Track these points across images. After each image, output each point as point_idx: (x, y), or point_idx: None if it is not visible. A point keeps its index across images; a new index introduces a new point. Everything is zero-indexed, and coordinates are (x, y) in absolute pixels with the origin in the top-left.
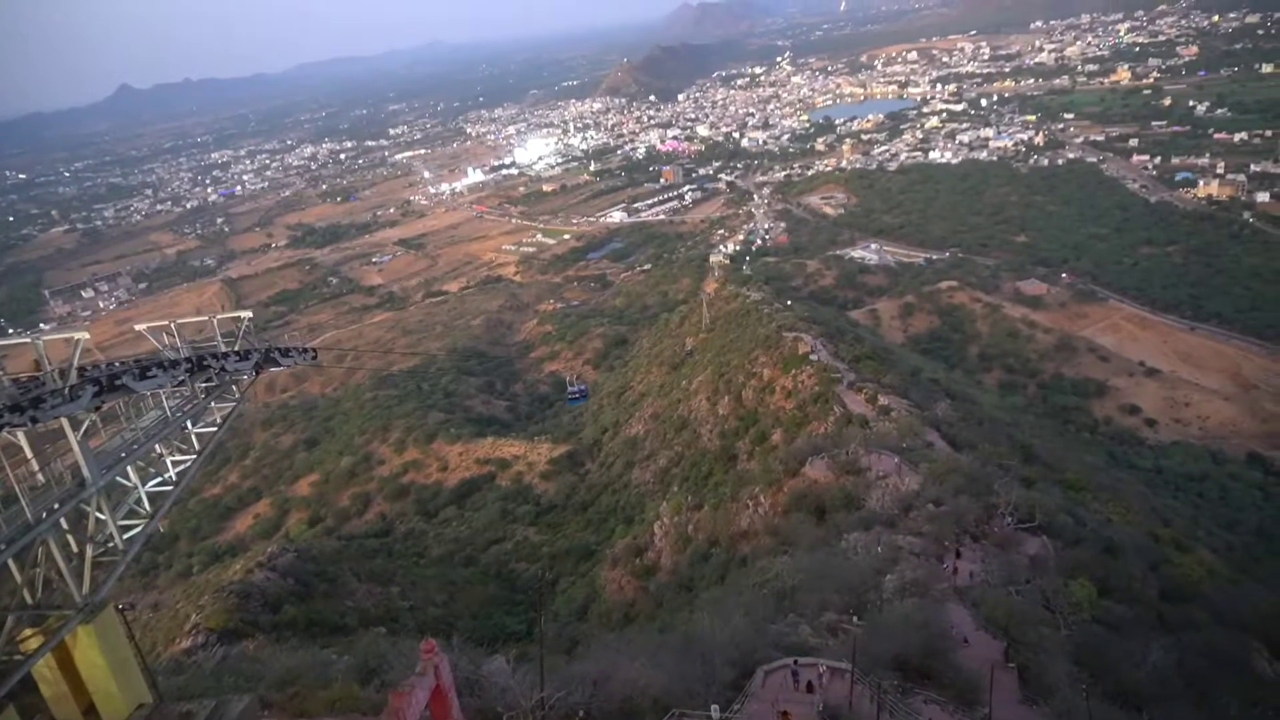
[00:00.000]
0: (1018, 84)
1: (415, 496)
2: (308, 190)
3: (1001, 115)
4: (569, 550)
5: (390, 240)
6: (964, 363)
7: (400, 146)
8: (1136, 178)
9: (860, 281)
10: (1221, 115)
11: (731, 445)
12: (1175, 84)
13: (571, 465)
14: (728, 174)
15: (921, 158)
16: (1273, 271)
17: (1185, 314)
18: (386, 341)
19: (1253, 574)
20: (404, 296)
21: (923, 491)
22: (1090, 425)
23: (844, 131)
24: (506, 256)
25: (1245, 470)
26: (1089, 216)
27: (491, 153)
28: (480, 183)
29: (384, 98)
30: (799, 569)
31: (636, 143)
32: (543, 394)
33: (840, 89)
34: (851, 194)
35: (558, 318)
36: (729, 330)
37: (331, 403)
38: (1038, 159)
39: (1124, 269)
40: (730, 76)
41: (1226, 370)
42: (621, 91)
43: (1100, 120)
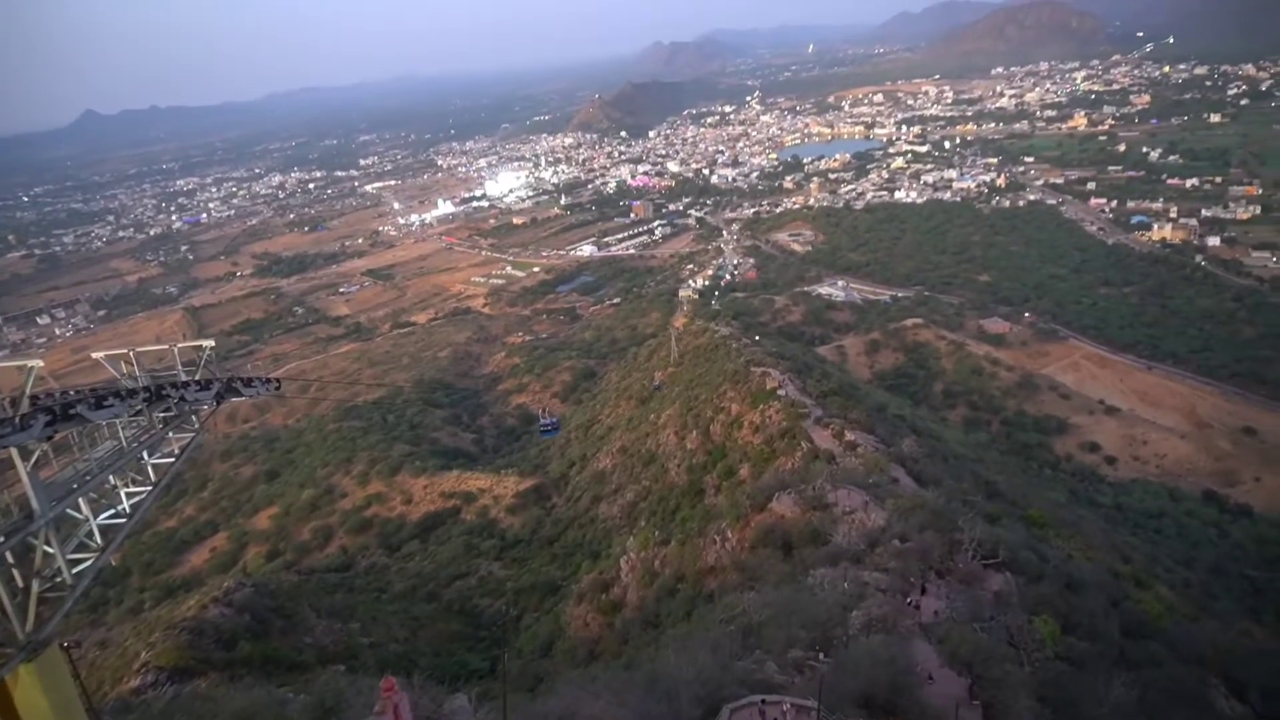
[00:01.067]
0: (980, 127)
1: (378, 530)
2: (275, 219)
3: (964, 157)
4: (534, 586)
5: (358, 270)
6: (929, 399)
7: (370, 177)
8: (1094, 220)
9: (827, 318)
10: (1174, 162)
11: (699, 480)
12: (1129, 131)
13: (538, 499)
14: (697, 210)
15: (887, 197)
16: (1224, 313)
17: (1142, 353)
18: (352, 372)
19: (1210, 610)
20: (371, 327)
21: (888, 527)
22: (1052, 462)
23: (812, 170)
24: (475, 288)
25: (1201, 507)
26: (1049, 257)
27: (462, 185)
28: (450, 214)
29: (355, 128)
30: (765, 605)
31: (607, 177)
32: (510, 426)
33: (808, 129)
34: (819, 231)
35: (526, 350)
36: (697, 365)
37: (294, 434)
38: (999, 200)
39: (1083, 309)
40: (701, 114)
41: (1182, 409)
42: (593, 127)
43: (1059, 164)
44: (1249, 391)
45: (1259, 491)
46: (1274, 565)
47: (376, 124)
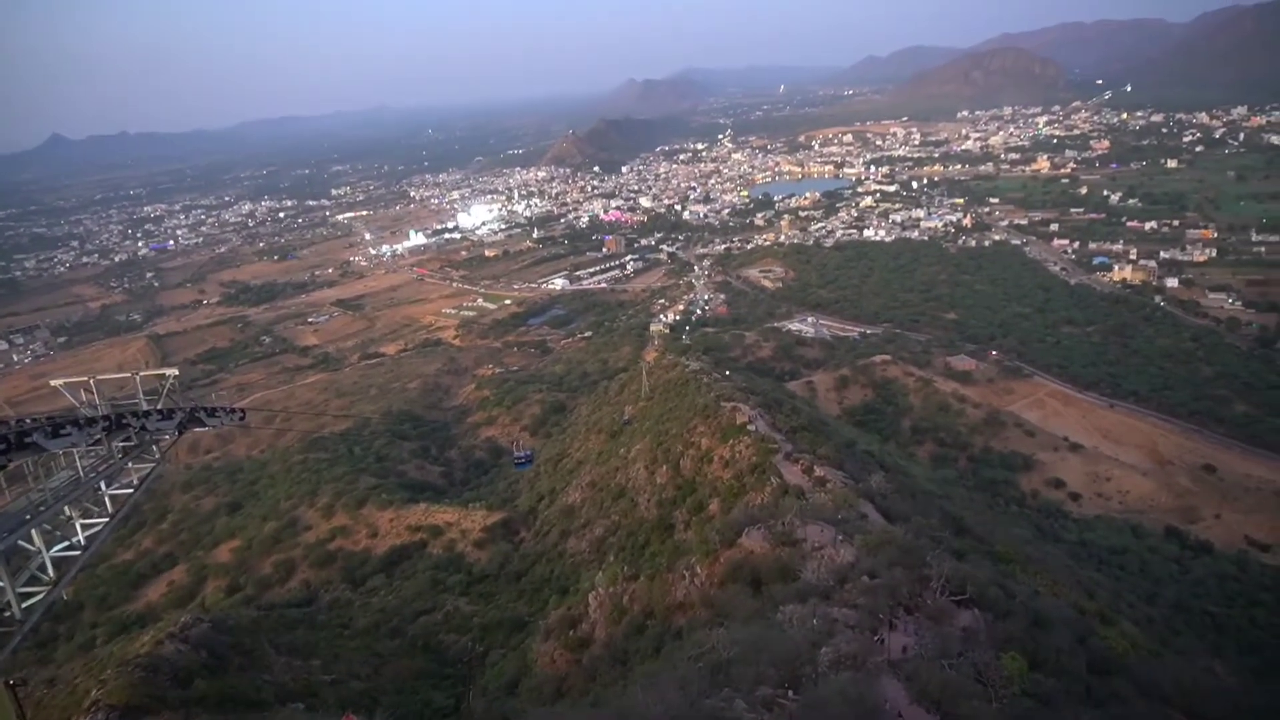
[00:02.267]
0: (946, 169)
1: (342, 564)
2: (244, 247)
3: (931, 197)
4: (500, 622)
5: (328, 300)
6: (897, 435)
7: (342, 207)
8: (1057, 260)
9: (797, 353)
10: (1133, 205)
11: (669, 514)
12: (1090, 174)
13: (506, 533)
14: (669, 245)
15: (856, 235)
16: (1182, 353)
17: (1104, 391)
18: (319, 403)
19: (1173, 646)
20: (339, 357)
21: (858, 563)
22: (1018, 498)
23: (782, 208)
24: (446, 320)
25: (1163, 544)
26: (1014, 296)
27: (435, 216)
28: (422, 246)
29: (328, 158)
30: (734, 642)
31: (580, 212)
32: (478, 459)
33: (779, 167)
34: (789, 268)
35: (496, 383)
36: (668, 399)
37: (258, 465)
38: (966, 240)
39: (1047, 347)
40: (673, 151)
41: (1144, 446)
42: (566, 161)
43: (1023, 205)
44: (1207, 430)
45: (1218, 528)
46: (1234, 602)
47: (350, 154)
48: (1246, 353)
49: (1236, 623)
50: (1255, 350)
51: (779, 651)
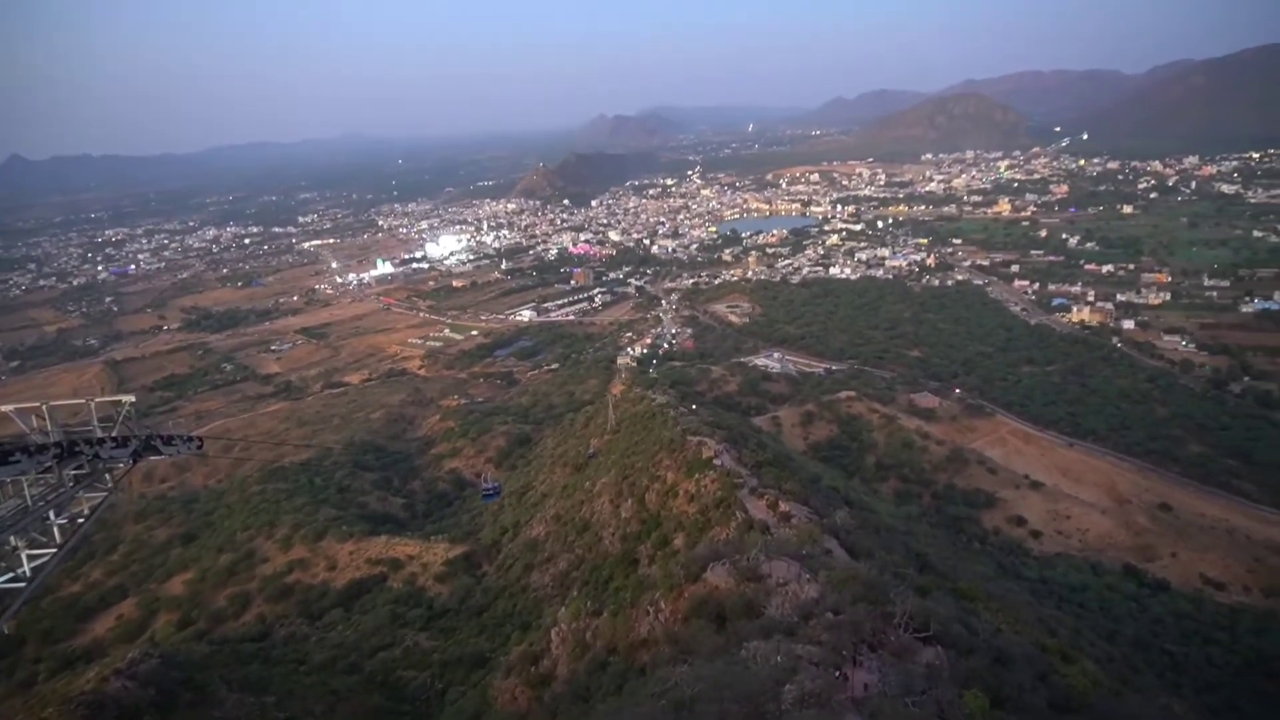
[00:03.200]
0: (911, 209)
1: (299, 598)
2: (208, 273)
3: (896, 237)
4: (461, 658)
5: (292, 328)
6: (862, 471)
7: (309, 234)
8: (1018, 301)
9: (763, 389)
10: (1090, 249)
11: (633, 549)
12: (1050, 218)
13: (468, 567)
14: (637, 279)
15: (823, 272)
16: (1139, 393)
17: (1064, 430)
18: (280, 432)
19: (1133, 685)
20: (302, 386)
21: (822, 599)
22: (980, 535)
23: (750, 244)
24: (412, 350)
25: (1122, 582)
26: (976, 335)
27: (403, 246)
28: (389, 275)
29: (296, 185)
30: (698, 679)
31: (549, 244)
32: (442, 491)
33: (747, 204)
34: (756, 304)
35: (461, 414)
36: (634, 432)
37: (215, 495)
38: (929, 279)
39: (1008, 385)
40: (643, 186)
41: (1102, 485)
42: (536, 194)
43: (985, 246)
44: (1163, 469)
45: (1175, 566)
46: (1190, 640)
47: (319, 181)
48: (1200, 394)
49: (1194, 661)
50: (1208, 392)
51: (743, 689)
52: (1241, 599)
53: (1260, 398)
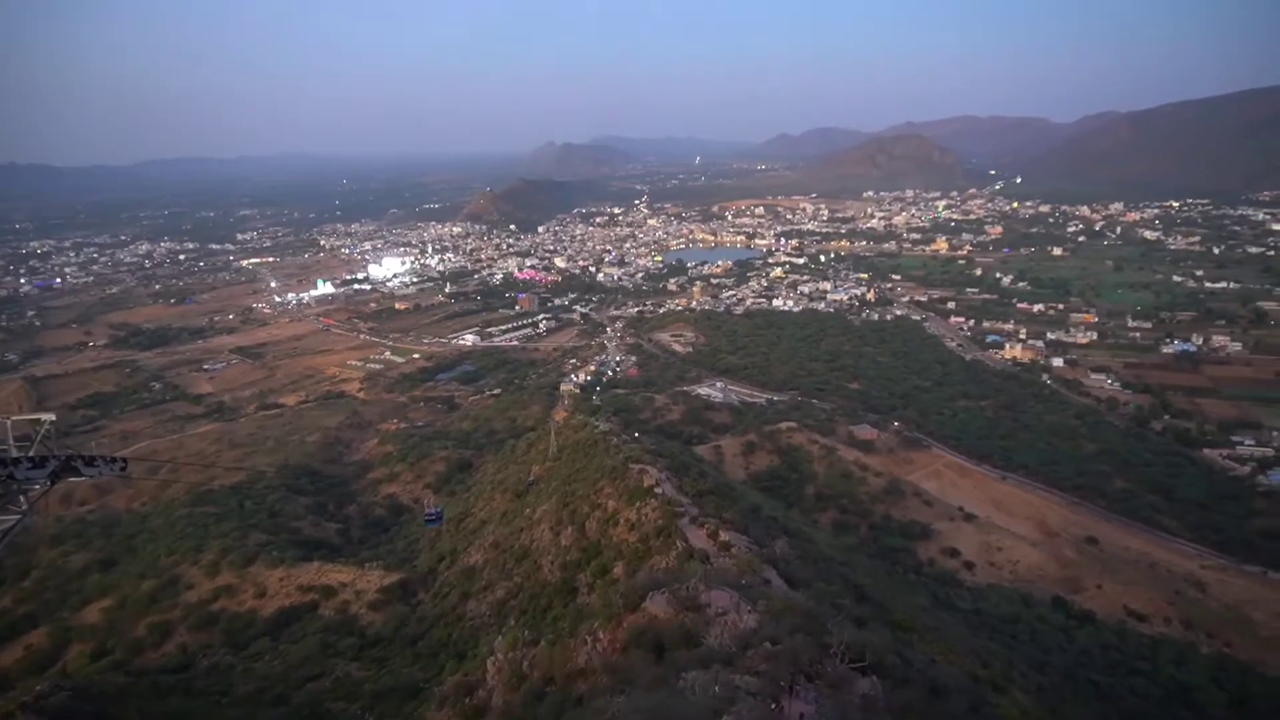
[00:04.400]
0: (852, 244)
1: (225, 626)
2: (138, 289)
3: (838, 271)
4: (394, 688)
5: (226, 347)
6: (801, 501)
7: (247, 252)
8: (954, 337)
9: (706, 418)
10: (1023, 288)
11: (572, 577)
12: (984, 257)
13: (403, 595)
14: (582, 306)
15: (766, 304)
16: (1068, 429)
17: (997, 464)
18: (210, 454)
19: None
20: (235, 407)
21: (760, 629)
22: (916, 566)
23: (695, 274)
24: (351, 372)
25: (1051, 613)
26: (914, 369)
27: (345, 266)
28: (330, 295)
29: (235, 201)
30: (635, 709)
31: (494, 269)
32: (378, 517)
33: (693, 234)
34: (700, 333)
35: (400, 438)
36: (576, 459)
37: (138, 519)
38: (869, 313)
39: (945, 419)
40: (590, 214)
41: (1033, 518)
42: (483, 218)
43: (923, 283)
44: (1090, 503)
45: (1101, 598)
46: (1115, 670)
47: (259, 199)
48: (1124, 431)
49: (1118, 691)
50: (1132, 429)
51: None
52: (1163, 630)
53: (1179, 436)
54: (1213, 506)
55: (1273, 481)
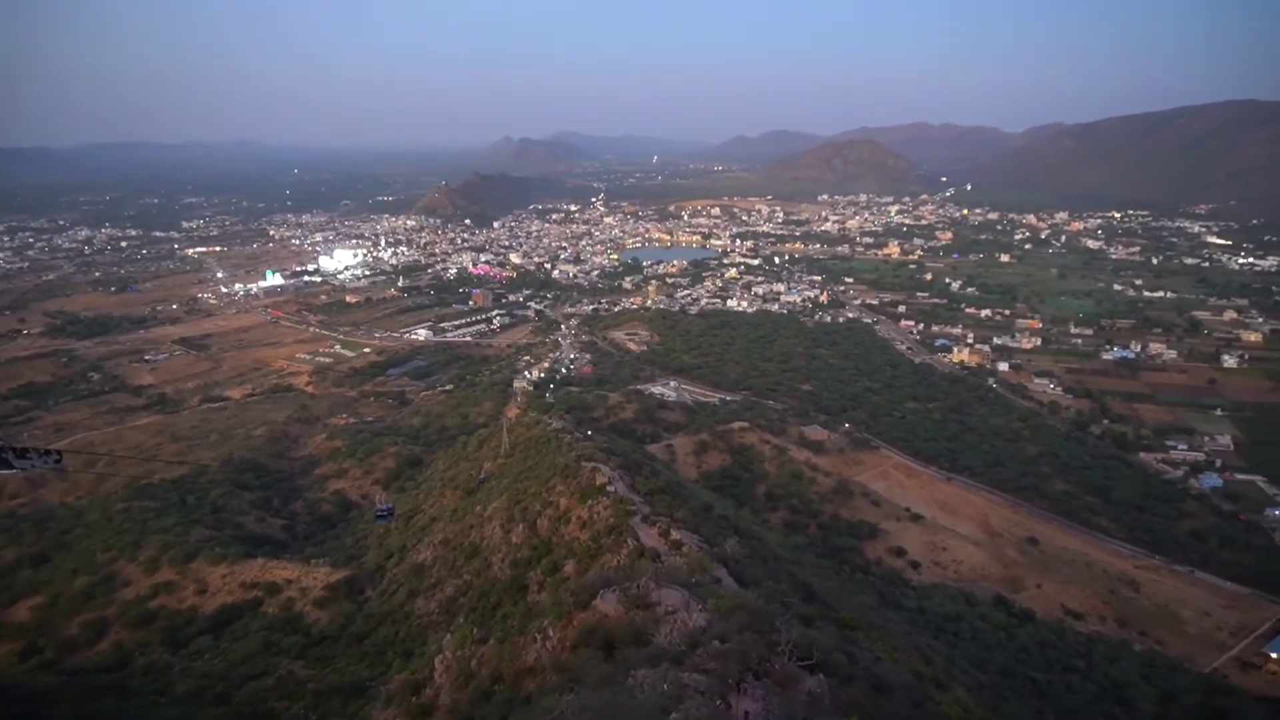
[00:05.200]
0: (806, 247)
1: (164, 624)
2: (77, 276)
3: (792, 273)
4: (339, 687)
5: (169, 338)
6: (752, 501)
7: (193, 241)
8: (904, 340)
9: (659, 417)
10: (971, 293)
11: (523, 575)
12: (935, 262)
13: (350, 592)
14: (537, 303)
15: (720, 304)
16: (1011, 432)
17: (943, 465)
18: (150, 447)
19: (1000, 711)
20: (178, 399)
21: (710, 628)
22: (863, 566)
23: (650, 273)
24: (300, 366)
25: (992, 611)
26: (865, 371)
27: (294, 258)
28: (279, 287)
29: (181, 188)
30: (583, 708)
31: (448, 263)
32: (325, 513)
33: (649, 233)
34: (655, 332)
35: (349, 433)
36: (528, 457)
37: (73, 513)
38: (822, 315)
39: (893, 421)
40: (546, 210)
41: (977, 519)
42: (437, 212)
43: (875, 286)
44: (1032, 504)
45: (1040, 597)
46: (1053, 668)
47: (206, 186)
48: (1065, 434)
49: (1055, 688)
50: (1072, 432)
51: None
52: (1098, 629)
53: (1117, 439)
54: (1147, 508)
55: (1203, 485)
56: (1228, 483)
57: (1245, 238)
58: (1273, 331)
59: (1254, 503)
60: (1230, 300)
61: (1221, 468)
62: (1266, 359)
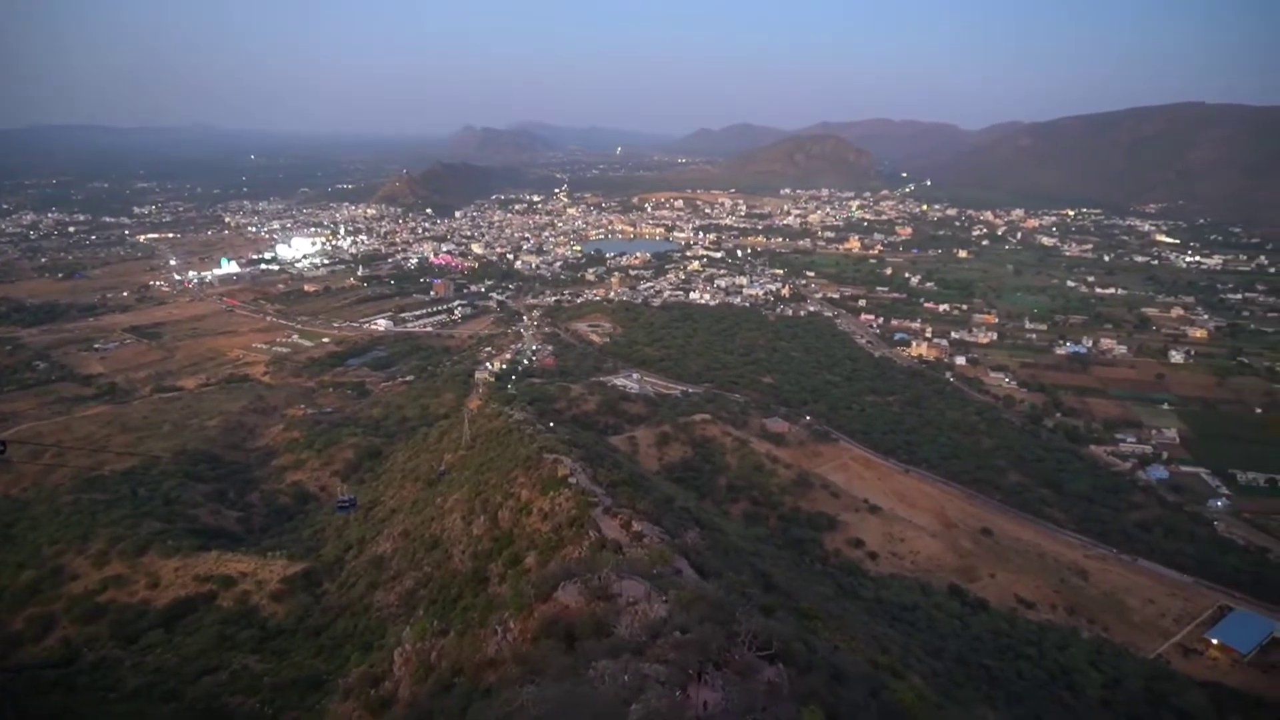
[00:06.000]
0: (769, 241)
1: (113, 618)
2: (22, 262)
3: (754, 266)
4: (295, 681)
5: (120, 326)
6: (713, 493)
7: (145, 227)
8: (864, 334)
9: (621, 409)
10: (930, 288)
11: (484, 567)
12: (894, 257)
13: (308, 585)
14: (499, 294)
15: (683, 297)
16: (968, 425)
17: (901, 457)
18: (100, 438)
19: (954, 698)
20: (128, 389)
21: (670, 619)
22: (822, 557)
23: (613, 265)
24: (256, 355)
25: (948, 601)
26: (825, 364)
27: (251, 245)
28: (234, 275)
29: (133, 173)
30: (544, 699)
31: (409, 253)
32: (283, 505)
33: (612, 225)
34: (617, 324)
35: (307, 424)
36: (489, 449)
37: (17, 505)
38: (784, 309)
39: (853, 414)
40: (509, 200)
41: (933, 510)
42: (398, 201)
43: (836, 280)
44: (986, 495)
45: (993, 586)
46: (1005, 655)
47: (159, 171)
48: (1020, 428)
49: (1007, 675)
50: (1026, 426)
51: (589, 709)
52: (1049, 617)
53: (1069, 433)
54: (1096, 500)
55: (1150, 477)
56: (1173, 475)
57: (1192, 236)
58: (1217, 328)
59: (1197, 494)
60: (1178, 297)
61: (1168, 460)
62: (1211, 355)
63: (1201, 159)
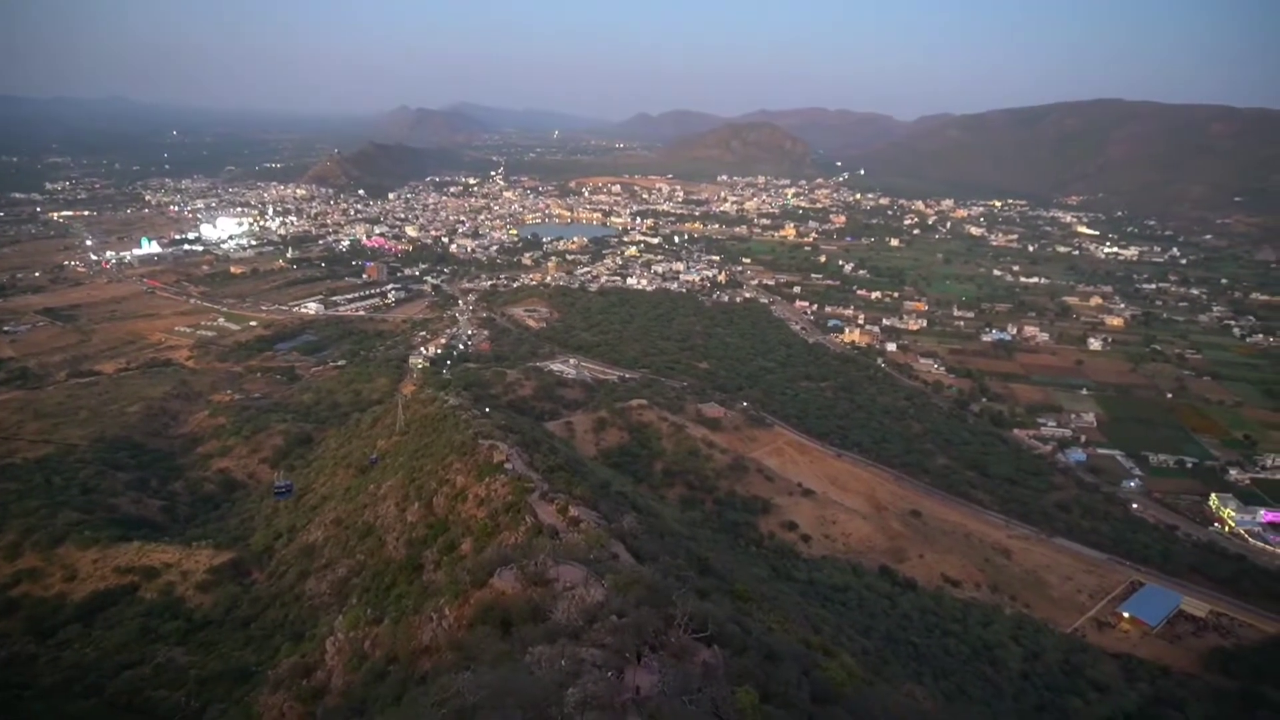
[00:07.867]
0: (705, 227)
1: (27, 613)
2: None
3: (691, 252)
4: (223, 673)
5: (32, 307)
6: (650, 478)
7: (58, 204)
8: (798, 320)
9: (558, 394)
10: (863, 276)
11: (418, 554)
12: (829, 245)
13: (235, 575)
14: (434, 277)
15: (620, 282)
16: (898, 410)
17: (834, 442)
18: (11, 425)
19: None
20: (42, 374)
21: (607, 603)
22: (757, 539)
23: (550, 250)
24: (179, 339)
25: (878, 581)
26: (760, 350)
27: (174, 225)
28: (156, 255)
29: (45, 147)
30: (480, 685)
31: (341, 235)
32: (208, 493)
33: (549, 209)
34: (554, 309)
35: (234, 410)
36: (424, 434)
37: None
38: (720, 295)
39: (787, 399)
40: (444, 183)
41: (864, 493)
42: (329, 181)
43: (771, 267)
44: (916, 478)
45: (921, 567)
46: (931, 633)
47: (74, 146)
48: (947, 412)
49: (934, 651)
50: (954, 411)
51: (526, 694)
52: (974, 595)
53: (994, 417)
54: (1019, 481)
55: (1069, 460)
56: (1091, 457)
57: (1111, 228)
58: (1133, 317)
59: (1113, 476)
60: (1097, 287)
61: (1086, 443)
62: (1127, 342)
63: (1120, 154)
